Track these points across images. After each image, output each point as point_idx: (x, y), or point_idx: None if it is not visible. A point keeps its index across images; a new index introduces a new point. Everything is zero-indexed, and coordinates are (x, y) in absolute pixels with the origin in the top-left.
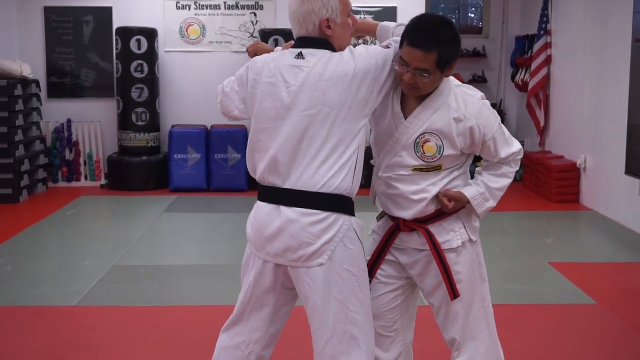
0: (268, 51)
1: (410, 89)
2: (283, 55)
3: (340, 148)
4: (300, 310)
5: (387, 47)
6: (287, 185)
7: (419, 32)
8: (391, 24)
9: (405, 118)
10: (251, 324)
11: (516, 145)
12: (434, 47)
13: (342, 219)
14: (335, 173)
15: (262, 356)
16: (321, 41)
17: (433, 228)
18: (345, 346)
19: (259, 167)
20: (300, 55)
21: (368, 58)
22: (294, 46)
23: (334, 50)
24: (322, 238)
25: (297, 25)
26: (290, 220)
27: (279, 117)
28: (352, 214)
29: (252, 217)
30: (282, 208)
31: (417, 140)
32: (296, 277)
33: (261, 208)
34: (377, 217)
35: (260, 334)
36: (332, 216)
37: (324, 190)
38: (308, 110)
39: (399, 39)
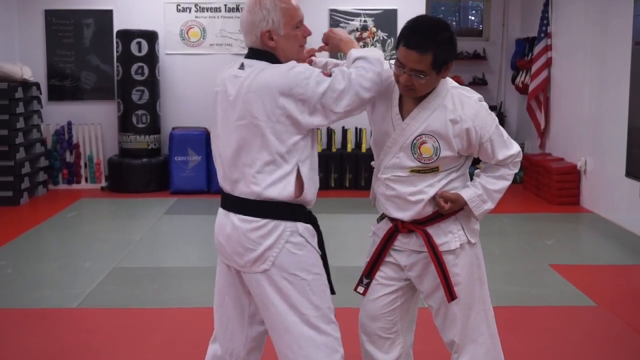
0: None
1: (407, 90)
2: (233, 65)
3: (277, 160)
4: None
5: (329, 75)
6: (234, 193)
7: (415, 34)
8: (354, 55)
9: (403, 119)
10: (231, 331)
11: (515, 148)
12: (429, 48)
13: (283, 225)
14: (273, 183)
15: None
16: (263, 53)
17: (431, 230)
18: (305, 349)
19: (217, 174)
20: (242, 66)
21: (302, 77)
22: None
23: (276, 61)
24: (262, 244)
25: (244, 36)
26: (234, 226)
27: (223, 126)
28: (297, 219)
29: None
30: (231, 215)
31: (414, 141)
32: (248, 283)
33: (219, 214)
34: (377, 219)
35: (241, 339)
36: (271, 223)
37: (262, 198)
38: (240, 120)
39: (346, 69)
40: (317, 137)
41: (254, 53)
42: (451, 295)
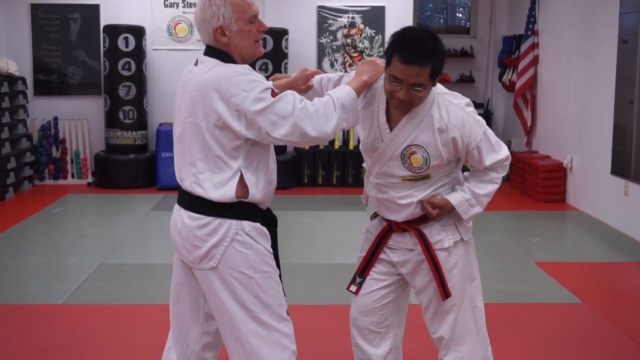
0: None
1: (403, 105)
2: (191, 63)
3: (218, 162)
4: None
5: (275, 94)
6: (184, 189)
7: (410, 48)
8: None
9: (391, 129)
10: (187, 326)
11: (503, 152)
12: (428, 60)
13: (229, 223)
14: (214, 187)
15: (204, 358)
16: (216, 51)
17: (425, 229)
18: (254, 346)
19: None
20: (197, 62)
21: (244, 88)
22: None
23: (229, 60)
24: (208, 242)
25: (199, 34)
26: (183, 223)
27: (177, 123)
28: (245, 218)
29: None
30: (182, 211)
31: (404, 152)
32: (198, 279)
33: (174, 209)
34: (370, 217)
35: (196, 334)
36: (216, 221)
37: (207, 197)
38: (187, 118)
39: (299, 96)
40: None
41: (209, 50)
42: (445, 294)
